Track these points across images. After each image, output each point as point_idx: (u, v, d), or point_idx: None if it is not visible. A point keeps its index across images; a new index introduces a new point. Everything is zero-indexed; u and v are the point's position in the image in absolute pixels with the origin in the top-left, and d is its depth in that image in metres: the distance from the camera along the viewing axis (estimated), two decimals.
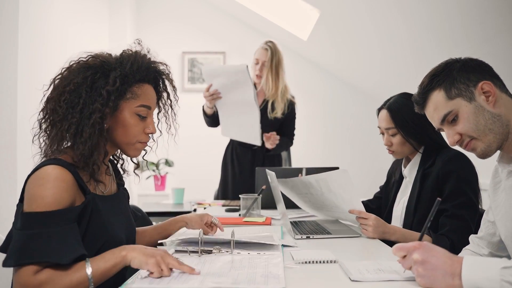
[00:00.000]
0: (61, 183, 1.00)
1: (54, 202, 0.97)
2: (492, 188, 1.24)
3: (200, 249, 1.20)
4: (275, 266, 1.05)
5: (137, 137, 1.17)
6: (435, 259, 0.89)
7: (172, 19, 4.64)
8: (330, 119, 4.67)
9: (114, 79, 1.10)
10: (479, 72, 1.12)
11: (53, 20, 3.15)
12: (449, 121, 1.14)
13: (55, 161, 1.03)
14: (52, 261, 0.93)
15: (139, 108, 1.15)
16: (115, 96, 1.10)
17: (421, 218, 1.55)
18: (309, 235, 1.46)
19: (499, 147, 1.12)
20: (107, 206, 1.15)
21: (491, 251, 1.28)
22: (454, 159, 1.53)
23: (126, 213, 1.28)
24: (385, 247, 1.34)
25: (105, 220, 1.11)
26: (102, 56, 1.15)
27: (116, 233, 1.15)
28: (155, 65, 1.22)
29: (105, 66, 1.12)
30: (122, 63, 1.14)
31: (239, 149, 2.79)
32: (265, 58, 2.64)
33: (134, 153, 1.20)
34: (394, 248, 0.96)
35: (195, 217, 1.47)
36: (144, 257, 0.97)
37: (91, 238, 1.07)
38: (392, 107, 1.66)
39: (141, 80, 1.16)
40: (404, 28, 2.85)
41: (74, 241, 0.98)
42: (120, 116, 1.14)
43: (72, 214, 1.01)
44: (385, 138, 1.69)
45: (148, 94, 1.18)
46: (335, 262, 1.12)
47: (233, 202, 2.45)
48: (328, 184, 1.55)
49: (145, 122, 1.18)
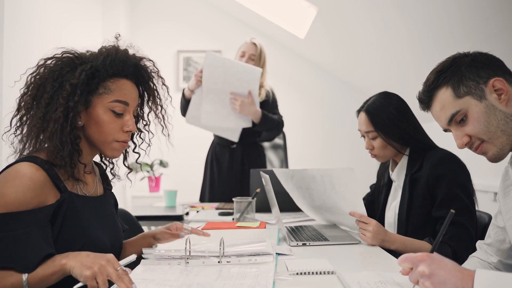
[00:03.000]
0: (27, 181, 0.96)
1: (14, 202, 0.94)
2: (502, 191, 1.16)
3: (186, 256, 1.12)
4: (264, 278, 0.97)
5: (113, 135, 1.10)
6: (443, 272, 0.80)
7: (167, 17, 4.56)
8: (328, 118, 4.60)
9: (81, 72, 1.04)
10: (490, 68, 1.03)
11: (45, 19, 3.07)
12: (457, 122, 1.05)
13: (29, 159, 1.00)
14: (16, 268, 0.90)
15: (113, 104, 1.09)
16: (84, 91, 1.05)
17: (415, 226, 1.49)
18: (305, 242, 1.38)
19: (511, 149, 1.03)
20: (89, 206, 1.10)
21: (501, 259, 1.19)
22: (443, 162, 1.46)
23: (112, 217, 1.21)
24: (386, 256, 1.25)
25: (84, 220, 1.06)
26: (75, 52, 1.10)
27: (97, 235, 1.09)
28: (135, 60, 1.15)
29: (76, 60, 1.08)
30: (96, 57, 1.09)
31: (218, 148, 2.74)
32: (253, 51, 2.60)
33: (112, 153, 1.13)
34: (400, 259, 0.87)
35: (162, 230, 1.31)
36: (81, 268, 0.88)
37: (66, 238, 1.02)
38: (370, 109, 1.58)
39: (116, 74, 1.10)
40: (403, 25, 2.78)
41: (40, 242, 0.93)
42: (93, 112, 1.08)
43: (40, 214, 0.97)
44: (366, 142, 1.63)
45: (125, 89, 1.11)
46: (333, 273, 1.03)
47: (228, 205, 2.36)
48: (333, 180, 1.47)
49: (121, 119, 1.11)
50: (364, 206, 1.44)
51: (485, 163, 1.13)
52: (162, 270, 1.06)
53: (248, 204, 1.83)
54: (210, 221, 1.88)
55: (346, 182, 1.43)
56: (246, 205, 1.83)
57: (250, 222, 1.76)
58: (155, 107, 1.22)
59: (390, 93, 1.62)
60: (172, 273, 1.03)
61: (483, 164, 1.17)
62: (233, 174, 2.65)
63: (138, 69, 1.16)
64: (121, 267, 0.91)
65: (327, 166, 2.77)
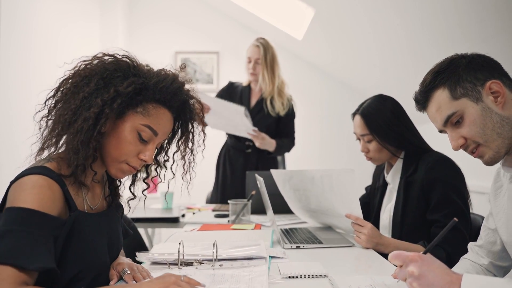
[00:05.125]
0: (47, 191, 0.90)
1: (37, 206, 0.87)
2: (493, 193, 1.16)
3: (179, 260, 1.12)
4: (259, 282, 0.97)
5: (127, 157, 1.04)
6: (432, 275, 0.81)
7: (165, 18, 4.56)
8: (326, 120, 4.59)
9: (131, 83, 1.00)
10: (487, 70, 1.03)
11: (42, 20, 3.07)
12: (453, 123, 1.04)
13: (41, 170, 0.93)
14: (17, 264, 0.81)
15: (143, 127, 1.03)
16: (124, 102, 0.99)
17: (410, 229, 1.49)
18: (299, 245, 1.38)
19: (508, 152, 1.03)
20: (94, 225, 1.04)
21: (492, 260, 1.19)
22: (437, 165, 1.46)
23: (115, 232, 1.16)
24: (379, 259, 1.26)
25: (87, 242, 1.00)
26: (136, 61, 1.06)
27: (100, 257, 1.04)
28: (186, 97, 1.10)
29: (132, 69, 1.03)
30: (152, 76, 1.04)
31: (232, 151, 2.70)
32: (257, 55, 2.57)
33: (116, 173, 1.06)
34: (391, 255, 0.87)
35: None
36: None
37: (71, 258, 0.96)
38: (366, 112, 1.59)
39: (161, 101, 1.04)
40: (401, 26, 2.78)
41: (47, 251, 0.87)
42: (120, 125, 1.02)
43: (53, 224, 0.90)
44: (361, 145, 1.63)
45: (162, 119, 1.05)
46: (325, 276, 1.03)
47: (224, 207, 2.36)
48: (332, 181, 1.46)
49: (143, 146, 1.05)
50: (360, 209, 1.44)
51: (480, 164, 1.12)
52: (155, 274, 1.06)
53: (244, 206, 1.83)
54: (205, 223, 1.89)
55: (345, 183, 1.43)
56: (241, 207, 1.83)
57: (245, 224, 1.76)
58: (183, 148, 1.18)
59: (385, 96, 1.63)
60: None
61: (479, 165, 1.16)
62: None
63: (184, 106, 1.11)
64: (183, 276, 0.91)
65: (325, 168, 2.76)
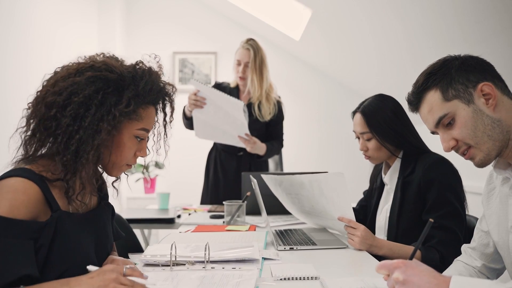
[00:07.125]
0: (21, 196, 0.89)
1: (7, 212, 0.87)
2: (485, 195, 1.16)
3: (171, 261, 1.12)
4: (246, 285, 0.96)
5: (128, 160, 1.08)
6: (417, 279, 0.80)
7: (163, 18, 4.55)
8: (324, 121, 4.59)
9: (128, 100, 1.01)
10: (479, 72, 1.03)
11: (39, 20, 3.06)
12: (445, 125, 1.05)
13: (22, 172, 0.92)
14: None
15: (139, 131, 1.06)
16: (122, 116, 1.01)
17: (405, 230, 1.49)
18: (292, 246, 1.38)
19: (498, 154, 1.03)
20: (80, 224, 1.03)
21: (484, 263, 1.20)
22: (434, 166, 1.46)
23: (103, 231, 1.14)
24: (372, 261, 1.26)
25: (72, 242, 0.98)
26: (116, 68, 1.03)
27: (85, 257, 1.02)
28: (165, 87, 1.12)
29: (120, 81, 1.02)
30: (135, 80, 1.04)
31: (223, 155, 2.64)
32: (247, 59, 2.50)
33: (117, 174, 1.10)
34: (378, 266, 0.88)
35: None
36: None
37: (52, 260, 0.94)
38: (366, 110, 1.59)
39: (149, 102, 1.07)
40: (399, 26, 2.78)
41: (23, 258, 0.86)
42: (117, 136, 1.03)
43: (29, 229, 0.89)
44: (361, 143, 1.63)
45: (151, 118, 1.10)
46: (317, 278, 1.03)
47: (220, 208, 2.36)
48: (321, 186, 1.46)
49: (140, 144, 1.09)
50: (353, 211, 1.44)
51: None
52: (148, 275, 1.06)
53: (239, 207, 1.83)
54: (200, 224, 1.88)
55: (335, 187, 1.42)
56: (236, 208, 1.83)
57: (240, 226, 1.76)
58: (160, 129, 1.18)
59: (386, 95, 1.63)
60: (157, 279, 1.03)
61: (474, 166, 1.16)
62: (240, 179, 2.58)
63: (162, 96, 1.13)
64: (127, 267, 0.90)
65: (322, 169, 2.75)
